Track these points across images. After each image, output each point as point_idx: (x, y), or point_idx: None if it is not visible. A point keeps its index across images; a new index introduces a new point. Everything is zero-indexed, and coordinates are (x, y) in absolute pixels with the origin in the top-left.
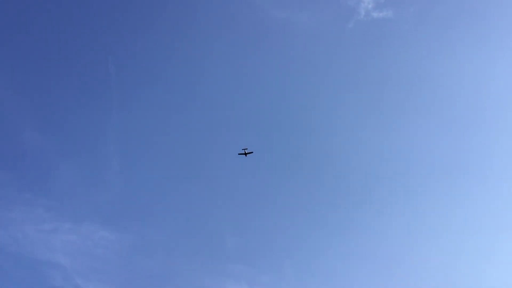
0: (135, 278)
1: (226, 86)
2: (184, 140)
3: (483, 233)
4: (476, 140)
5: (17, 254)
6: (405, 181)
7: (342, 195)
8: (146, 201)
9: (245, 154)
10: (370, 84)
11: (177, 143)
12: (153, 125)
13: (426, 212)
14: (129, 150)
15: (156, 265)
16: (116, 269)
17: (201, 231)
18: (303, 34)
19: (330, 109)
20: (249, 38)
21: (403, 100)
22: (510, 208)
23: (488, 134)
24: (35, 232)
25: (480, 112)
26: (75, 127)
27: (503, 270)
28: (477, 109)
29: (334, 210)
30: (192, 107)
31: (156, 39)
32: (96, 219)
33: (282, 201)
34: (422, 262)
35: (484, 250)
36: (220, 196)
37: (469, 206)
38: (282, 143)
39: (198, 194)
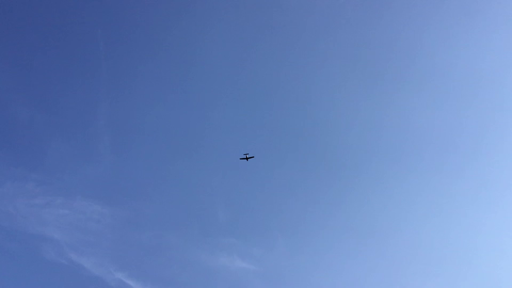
0: (128, 251)
1: (217, 62)
2: (177, 114)
3: (488, 232)
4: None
5: (9, 229)
6: (401, 150)
7: (335, 169)
8: (138, 176)
9: (247, 158)
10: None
11: (169, 118)
12: (144, 99)
13: (423, 184)
14: (120, 124)
15: (148, 239)
16: (109, 243)
17: (193, 204)
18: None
19: (326, 82)
20: (241, 15)
21: (402, 73)
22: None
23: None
24: (26, 207)
25: (478, 82)
26: (66, 101)
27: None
28: (475, 79)
29: (328, 184)
30: (183, 82)
31: (148, 15)
32: (88, 193)
33: (274, 175)
34: (417, 231)
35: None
36: (212, 170)
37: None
38: (275, 117)
39: (190, 168)
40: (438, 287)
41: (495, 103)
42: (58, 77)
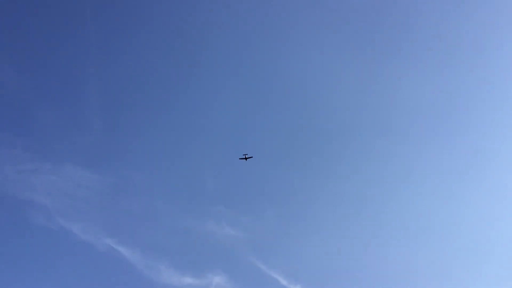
0: (117, 218)
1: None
2: (166, 80)
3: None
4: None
5: None
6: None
7: (326, 139)
8: (126, 142)
9: (245, 158)
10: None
11: (158, 84)
12: (133, 66)
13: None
14: (109, 91)
15: (137, 206)
16: (98, 209)
17: (182, 172)
18: None
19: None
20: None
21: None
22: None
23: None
24: (14, 173)
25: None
26: (54, 67)
27: None
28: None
29: (318, 154)
30: (173, 46)
31: None
32: (76, 160)
33: (264, 145)
34: (409, 197)
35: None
36: (201, 137)
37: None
38: (265, 87)
39: (179, 136)
40: (422, 253)
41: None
42: (46, 41)
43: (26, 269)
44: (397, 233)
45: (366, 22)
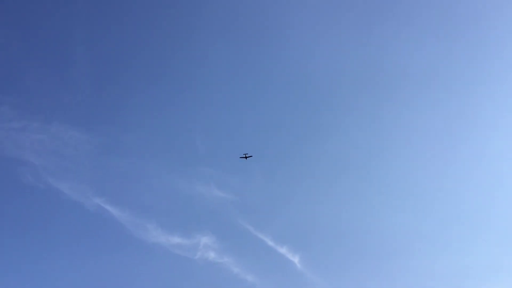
0: (107, 178)
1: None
2: (156, 40)
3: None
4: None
5: None
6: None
7: (316, 103)
8: (116, 102)
9: (246, 157)
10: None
11: (148, 44)
12: (123, 25)
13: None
14: (99, 50)
15: (126, 166)
16: (87, 169)
17: (171, 133)
18: None
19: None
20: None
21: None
22: None
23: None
24: (2, 131)
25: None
26: (43, 26)
27: None
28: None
29: (308, 119)
30: (162, 5)
31: None
32: (65, 118)
33: (256, 108)
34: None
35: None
36: (191, 97)
37: None
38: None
39: (169, 96)
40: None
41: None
42: (35, 1)
43: (14, 227)
44: (385, 196)
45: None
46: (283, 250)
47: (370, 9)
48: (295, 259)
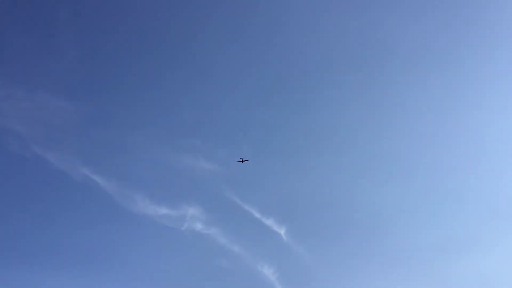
0: (94, 148)
1: None
2: (144, 7)
3: None
4: None
5: None
6: None
7: (302, 73)
8: (103, 72)
9: (242, 161)
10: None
11: (137, 12)
12: None
13: None
14: (85, 17)
15: (114, 137)
16: (74, 139)
17: (159, 104)
18: None
19: None
20: None
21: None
22: None
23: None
24: None
25: None
26: None
27: None
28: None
29: (295, 89)
30: None
31: None
32: (51, 87)
33: (241, 77)
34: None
35: None
36: (180, 69)
37: None
38: None
39: (157, 66)
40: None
41: None
42: None
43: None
44: (370, 171)
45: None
46: (269, 222)
47: None
48: (281, 231)
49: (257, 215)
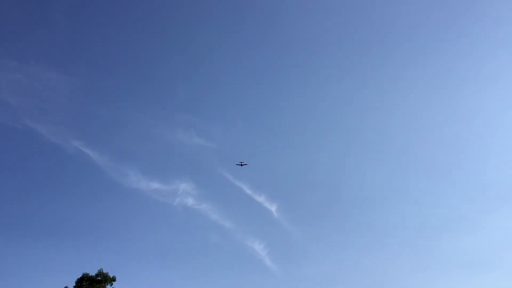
0: (86, 121)
1: None
2: None
3: None
4: None
5: None
6: None
7: (298, 52)
8: (96, 44)
9: (241, 165)
10: None
11: None
12: None
13: None
14: None
15: (106, 110)
16: (66, 112)
17: (152, 78)
18: None
19: None
20: None
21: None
22: None
23: None
24: None
25: None
26: None
27: None
28: None
29: (288, 68)
30: None
31: None
32: (43, 59)
33: (236, 53)
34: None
35: None
36: (174, 42)
37: None
38: None
39: (151, 39)
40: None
41: None
42: None
43: None
44: (361, 150)
45: None
46: (260, 198)
47: None
48: (272, 208)
49: (249, 191)
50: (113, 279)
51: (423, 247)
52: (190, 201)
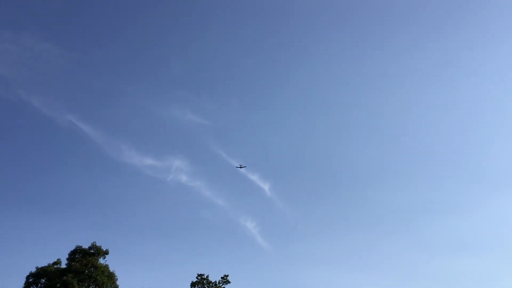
0: (80, 95)
1: None
2: None
3: None
4: None
5: None
6: None
7: (294, 29)
8: (91, 16)
9: (241, 167)
10: None
11: None
12: None
13: None
14: None
15: (100, 84)
16: (60, 85)
17: (147, 54)
18: None
19: None
20: None
21: None
22: None
23: None
24: None
25: None
26: None
27: None
28: None
29: (284, 46)
30: None
31: None
32: (37, 30)
33: (232, 30)
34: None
35: None
36: (168, 19)
37: None
38: None
39: (147, 15)
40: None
41: None
42: None
43: None
44: (355, 130)
45: None
46: (254, 177)
47: None
48: (265, 186)
49: (242, 170)
50: (106, 252)
51: (416, 229)
52: (183, 178)
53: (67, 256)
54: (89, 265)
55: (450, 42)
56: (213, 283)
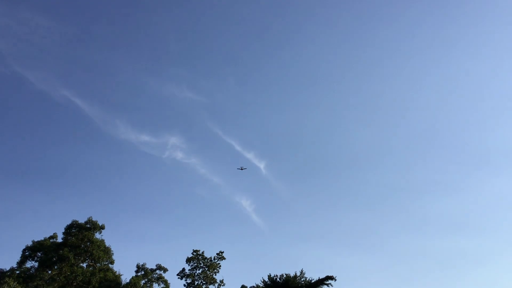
0: (75, 70)
1: None
2: None
3: None
4: None
5: None
6: None
7: (291, 12)
8: None
9: (241, 169)
10: None
11: None
12: None
13: None
14: None
15: (97, 59)
16: (55, 59)
17: (145, 30)
18: None
19: None
20: None
21: None
22: None
23: None
24: None
25: None
26: None
27: None
28: None
29: (282, 27)
30: None
31: None
32: (33, 3)
33: (232, 8)
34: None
35: None
36: None
37: None
38: None
39: None
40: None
41: None
42: None
43: None
44: (352, 111)
45: None
46: (250, 155)
47: None
48: (261, 165)
49: (238, 148)
50: (102, 227)
51: (409, 208)
52: (179, 155)
53: (63, 231)
54: (85, 239)
55: (452, 20)
56: (208, 259)
